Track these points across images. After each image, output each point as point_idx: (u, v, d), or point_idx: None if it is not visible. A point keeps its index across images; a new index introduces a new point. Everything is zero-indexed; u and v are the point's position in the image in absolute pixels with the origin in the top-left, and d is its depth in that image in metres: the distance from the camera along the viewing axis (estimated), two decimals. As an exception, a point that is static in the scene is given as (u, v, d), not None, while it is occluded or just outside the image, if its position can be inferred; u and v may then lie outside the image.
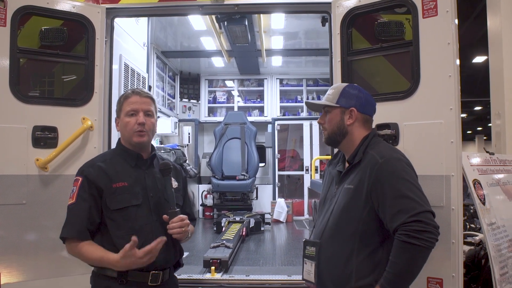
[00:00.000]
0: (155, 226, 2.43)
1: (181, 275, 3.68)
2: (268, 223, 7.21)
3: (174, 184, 2.60)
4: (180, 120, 8.63)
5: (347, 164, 2.40)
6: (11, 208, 3.11)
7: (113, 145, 3.45)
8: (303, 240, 2.49)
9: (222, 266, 3.99)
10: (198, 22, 6.55)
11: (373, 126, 2.55)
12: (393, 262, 2.08)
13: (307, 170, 8.47)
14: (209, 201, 8.24)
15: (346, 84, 2.52)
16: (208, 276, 3.81)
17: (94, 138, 3.35)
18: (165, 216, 2.39)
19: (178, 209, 2.43)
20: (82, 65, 3.40)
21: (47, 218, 3.15)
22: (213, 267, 3.89)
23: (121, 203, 2.45)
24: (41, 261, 3.23)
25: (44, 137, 3.23)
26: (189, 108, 9.35)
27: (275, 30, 7.05)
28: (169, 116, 8.10)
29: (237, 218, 6.51)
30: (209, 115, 9.59)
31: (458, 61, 2.88)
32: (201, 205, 8.43)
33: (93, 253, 2.38)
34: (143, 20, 5.66)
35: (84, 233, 2.41)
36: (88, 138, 3.33)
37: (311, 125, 8.54)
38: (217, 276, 3.82)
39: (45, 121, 3.24)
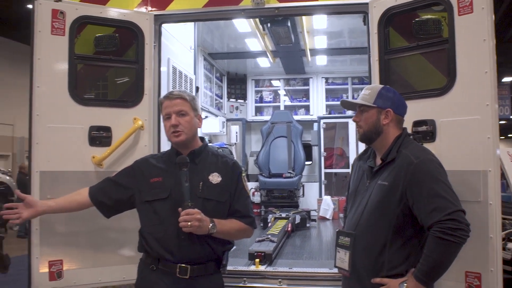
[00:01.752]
0: (178, 219, 2.56)
1: (227, 266, 3.86)
2: (314, 220, 7.31)
3: (217, 179, 2.75)
4: (227, 120, 8.86)
5: (379, 161, 2.57)
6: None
7: (162, 144, 3.74)
8: (336, 230, 2.66)
9: (266, 259, 4.14)
10: (242, 24, 6.73)
11: (410, 122, 2.66)
12: (427, 256, 2.26)
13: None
14: (257, 199, 8.39)
15: (381, 86, 2.69)
16: (252, 268, 3.97)
17: (144, 137, 3.61)
18: (179, 209, 2.54)
19: (189, 203, 2.54)
20: (133, 69, 3.66)
21: None
22: (257, 260, 4.03)
23: (152, 196, 2.72)
24: (96, 250, 3.51)
25: (99, 136, 3.51)
26: (237, 108, 9.57)
27: (318, 30, 7.14)
28: (217, 115, 8.32)
29: (283, 215, 6.63)
30: (256, 115, 9.77)
31: (494, 57, 2.92)
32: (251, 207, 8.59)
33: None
34: (190, 24, 5.90)
35: (94, 192, 2.87)
36: (139, 137, 3.59)
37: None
38: (261, 268, 3.97)
39: (100, 121, 3.52)
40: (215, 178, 2.74)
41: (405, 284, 2.28)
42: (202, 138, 2.93)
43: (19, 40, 25.90)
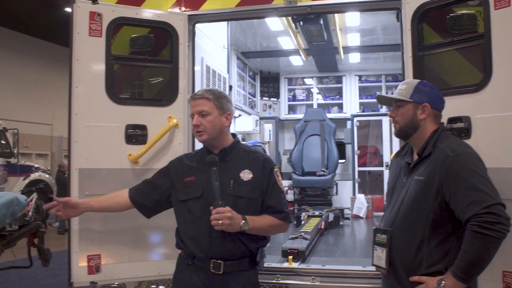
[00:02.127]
0: (209, 218, 2.59)
1: (260, 263, 3.90)
2: (348, 218, 7.28)
3: (248, 176, 2.77)
4: (261, 118, 8.89)
5: (416, 156, 2.53)
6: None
7: (197, 142, 3.77)
8: (373, 228, 2.63)
9: (299, 256, 4.13)
10: (275, 23, 6.75)
11: (445, 119, 2.63)
12: (465, 251, 2.19)
13: (386, 165, 8.42)
14: (290, 197, 8.39)
15: (418, 80, 2.65)
16: (285, 264, 3.98)
17: (179, 135, 3.69)
18: (211, 207, 2.57)
19: (220, 201, 2.55)
20: (167, 68, 3.74)
21: None
22: (290, 257, 4.04)
23: (186, 195, 2.78)
24: (133, 246, 3.61)
25: (135, 134, 3.60)
26: (270, 106, 9.61)
27: (350, 27, 7.11)
28: (250, 114, 8.37)
29: (316, 213, 6.64)
30: (289, 113, 9.80)
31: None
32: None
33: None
34: (223, 23, 5.97)
35: (134, 193, 2.93)
36: (174, 135, 3.67)
37: (390, 121, 8.45)
38: (294, 265, 3.97)
39: (136, 120, 3.62)
40: (246, 175, 2.76)
41: (443, 282, 2.21)
42: (234, 135, 2.94)
43: (58, 43, 26.57)
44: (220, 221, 2.51)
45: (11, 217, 3.43)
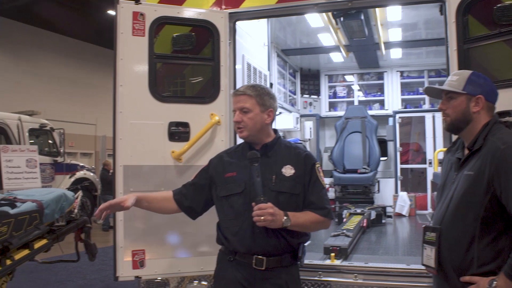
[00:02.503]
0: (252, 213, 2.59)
1: (302, 260, 3.89)
2: (390, 216, 7.19)
3: (290, 172, 2.75)
4: (301, 116, 8.88)
5: (466, 151, 2.42)
6: (152, 194, 3.57)
7: (238, 138, 3.79)
8: (423, 226, 2.54)
9: (342, 253, 4.10)
10: (315, 19, 6.72)
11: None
12: None
13: (430, 163, 8.26)
14: (331, 194, 8.34)
15: (470, 71, 2.53)
16: (327, 262, 3.96)
17: (221, 132, 3.71)
18: (253, 203, 2.56)
19: (262, 197, 2.54)
20: (209, 66, 3.77)
21: None
22: (332, 254, 4.02)
23: (227, 191, 2.77)
24: (176, 242, 3.66)
25: (178, 131, 3.65)
26: (310, 104, 9.56)
27: (392, 22, 7.00)
28: (290, 111, 8.36)
29: (358, 210, 6.57)
30: (329, 110, 9.73)
31: None
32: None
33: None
34: (263, 21, 5.98)
35: (180, 197, 2.91)
36: (216, 132, 3.70)
37: (433, 117, 8.31)
38: (336, 262, 3.95)
39: (179, 117, 3.66)
40: (288, 170, 2.74)
41: (495, 282, 2.11)
42: (275, 131, 2.93)
43: (101, 45, 27.20)
44: (262, 217, 2.50)
45: (59, 212, 3.52)
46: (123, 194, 3.52)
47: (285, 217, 2.56)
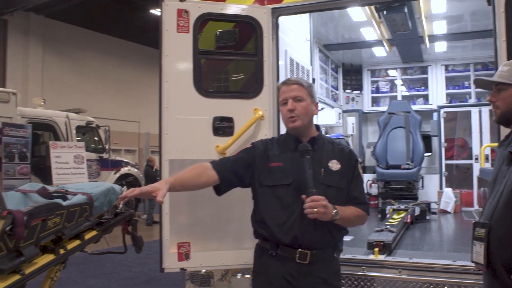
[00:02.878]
0: (302, 205, 2.57)
1: (345, 255, 3.86)
2: (434, 213, 7.06)
3: (337, 166, 2.76)
4: (344, 111, 8.83)
5: None
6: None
7: (282, 133, 3.83)
8: (472, 222, 2.47)
9: (385, 248, 4.06)
10: (357, 13, 6.67)
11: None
12: None
13: (476, 159, 8.07)
14: (374, 190, 8.27)
15: None
16: (371, 257, 3.93)
17: (265, 127, 3.74)
18: (303, 196, 2.56)
19: (314, 190, 2.54)
20: (252, 61, 3.81)
21: (225, 197, 3.56)
22: (376, 249, 3.99)
23: (274, 181, 2.75)
24: (221, 235, 3.71)
25: (222, 126, 3.69)
26: (353, 99, 9.50)
27: (436, 14, 6.87)
28: (333, 107, 8.33)
29: (402, 206, 6.49)
30: (372, 105, 9.64)
31: None
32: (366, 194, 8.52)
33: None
34: (305, 16, 5.97)
35: (221, 167, 2.83)
36: (260, 126, 3.73)
37: (480, 112, 8.11)
38: (380, 257, 3.91)
39: (223, 112, 3.71)
40: (334, 165, 2.76)
41: None
42: (317, 126, 2.94)
43: (144, 43, 27.67)
44: (315, 209, 2.51)
45: (108, 205, 3.64)
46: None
47: (334, 210, 2.58)
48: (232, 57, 3.89)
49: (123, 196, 2.59)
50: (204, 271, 4.09)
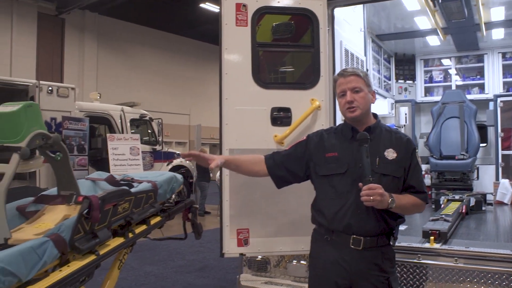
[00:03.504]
0: (357, 193, 2.64)
1: (401, 243, 3.90)
2: (491, 204, 6.96)
3: (392, 155, 2.79)
4: (396, 101, 8.76)
5: None
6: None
7: (338, 122, 3.89)
8: None
9: (441, 237, 4.06)
10: (411, 2, 6.61)
11: None
12: None
13: (534, 149, 7.86)
14: (427, 181, 8.17)
15: None
16: (427, 245, 3.95)
17: (321, 117, 3.81)
18: (360, 184, 2.61)
19: (370, 178, 2.58)
20: (309, 53, 3.89)
21: None
22: (432, 237, 4.00)
23: (329, 170, 2.83)
24: (278, 222, 3.81)
25: (280, 116, 3.79)
26: (405, 89, 9.40)
27: (494, 1, 6.70)
28: (385, 97, 8.28)
29: (456, 197, 6.42)
30: (425, 95, 9.49)
31: None
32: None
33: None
34: (359, 6, 5.98)
35: (272, 164, 3.00)
36: (317, 116, 3.80)
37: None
38: (436, 246, 3.93)
39: (281, 103, 3.80)
40: (390, 154, 2.79)
41: None
42: (374, 115, 2.98)
43: (193, 37, 28.14)
44: (371, 197, 2.56)
45: (170, 193, 3.81)
46: (229, 176, 3.75)
47: (390, 199, 2.62)
48: (289, 49, 3.97)
49: (186, 154, 3.08)
50: (260, 257, 4.23)
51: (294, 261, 4.14)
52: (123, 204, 3.11)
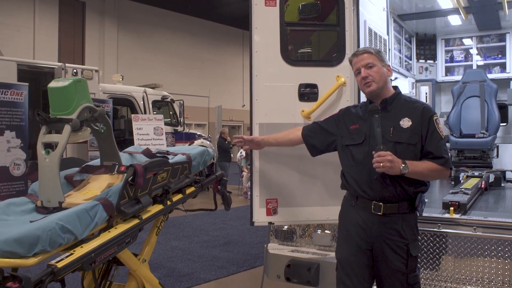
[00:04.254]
0: (371, 161, 2.88)
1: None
2: (510, 181, 7.05)
3: (407, 124, 2.97)
4: (417, 81, 8.84)
5: None
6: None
7: (362, 98, 4.06)
8: None
9: (461, 208, 4.22)
10: (434, -18, 6.66)
11: None
12: None
13: (555, 127, 7.92)
14: (447, 159, 8.28)
15: None
16: (446, 215, 4.12)
17: (346, 93, 3.99)
18: (373, 152, 2.85)
19: (381, 146, 2.82)
20: (334, 31, 4.05)
21: (309, 158, 3.67)
22: (452, 208, 4.17)
23: (350, 141, 3.11)
24: (306, 192, 4.02)
25: (307, 92, 3.97)
26: (426, 69, 9.44)
27: (517, -22, 6.73)
28: (406, 77, 8.36)
29: (476, 173, 6.54)
30: (446, 75, 9.54)
31: None
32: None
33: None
34: (382, -15, 6.08)
35: (307, 133, 3.40)
36: (342, 92, 3.98)
37: None
38: (455, 216, 4.10)
39: (308, 79, 3.99)
40: (405, 122, 2.98)
41: None
42: (395, 87, 3.20)
43: (213, 20, 28.20)
44: (381, 164, 2.79)
45: (203, 165, 4.03)
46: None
47: (403, 165, 2.82)
48: (315, 28, 4.14)
49: (239, 138, 3.64)
50: (286, 227, 4.46)
51: (319, 230, 4.35)
52: (162, 174, 3.34)
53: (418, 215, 3.14)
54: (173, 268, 6.74)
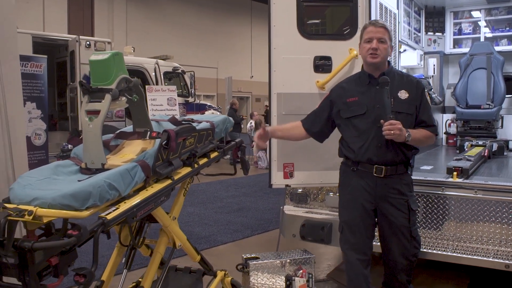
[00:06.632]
0: (377, 130, 3.20)
1: (427, 177, 4.40)
2: (513, 150, 7.30)
3: (405, 95, 3.30)
4: (425, 53, 8.99)
5: None
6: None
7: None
8: None
9: (463, 173, 4.45)
10: (443, -45, 6.77)
11: None
12: None
13: (559, 98, 8.10)
14: (452, 130, 8.52)
15: None
16: (450, 179, 4.38)
17: (358, 65, 4.17)
18: (382, 121, 3.14)
19: (391, 116, 3.10)
20: (347, 6, 4.28)
21: None
22: (455, 173, 4.42)
23: (351, 113, 3.37)
24: (321, 158, 4.29)
25: (322, 64, 4.24)
26: (434, 41, 9.57)
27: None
28: (415, 49, 8.51)
29: (480, 142, 6.79)
30: (454, 47, 9.67)
31: None
32: (444, 133, 8.77)
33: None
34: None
35: (309, 125, 3.60)
36: (354, 64, 4.23)
37: None
38: (458, 180, 4.36)
39: (322, 52, 4.25)
40: (403, 94, 3.31)
41: None
42: (388, 62, 3.47)
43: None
44: (392, 132, 3.10)
45: (224, 132, 4.31)
46: (276, 116, 4.26)
47: (407, 133, 3.16)
48: (330, 3, 4.39)
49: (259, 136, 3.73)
50: (301, 190, 4.78)
51: (331, 193, 4.67)
52: (189, 139, 3.63)
53: (410, 173, 3.50)
54: (191, 231, 7.11)
